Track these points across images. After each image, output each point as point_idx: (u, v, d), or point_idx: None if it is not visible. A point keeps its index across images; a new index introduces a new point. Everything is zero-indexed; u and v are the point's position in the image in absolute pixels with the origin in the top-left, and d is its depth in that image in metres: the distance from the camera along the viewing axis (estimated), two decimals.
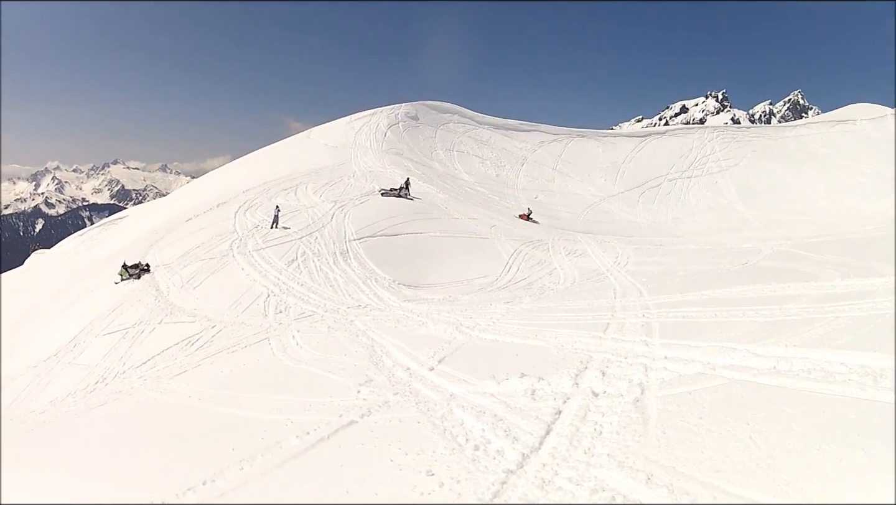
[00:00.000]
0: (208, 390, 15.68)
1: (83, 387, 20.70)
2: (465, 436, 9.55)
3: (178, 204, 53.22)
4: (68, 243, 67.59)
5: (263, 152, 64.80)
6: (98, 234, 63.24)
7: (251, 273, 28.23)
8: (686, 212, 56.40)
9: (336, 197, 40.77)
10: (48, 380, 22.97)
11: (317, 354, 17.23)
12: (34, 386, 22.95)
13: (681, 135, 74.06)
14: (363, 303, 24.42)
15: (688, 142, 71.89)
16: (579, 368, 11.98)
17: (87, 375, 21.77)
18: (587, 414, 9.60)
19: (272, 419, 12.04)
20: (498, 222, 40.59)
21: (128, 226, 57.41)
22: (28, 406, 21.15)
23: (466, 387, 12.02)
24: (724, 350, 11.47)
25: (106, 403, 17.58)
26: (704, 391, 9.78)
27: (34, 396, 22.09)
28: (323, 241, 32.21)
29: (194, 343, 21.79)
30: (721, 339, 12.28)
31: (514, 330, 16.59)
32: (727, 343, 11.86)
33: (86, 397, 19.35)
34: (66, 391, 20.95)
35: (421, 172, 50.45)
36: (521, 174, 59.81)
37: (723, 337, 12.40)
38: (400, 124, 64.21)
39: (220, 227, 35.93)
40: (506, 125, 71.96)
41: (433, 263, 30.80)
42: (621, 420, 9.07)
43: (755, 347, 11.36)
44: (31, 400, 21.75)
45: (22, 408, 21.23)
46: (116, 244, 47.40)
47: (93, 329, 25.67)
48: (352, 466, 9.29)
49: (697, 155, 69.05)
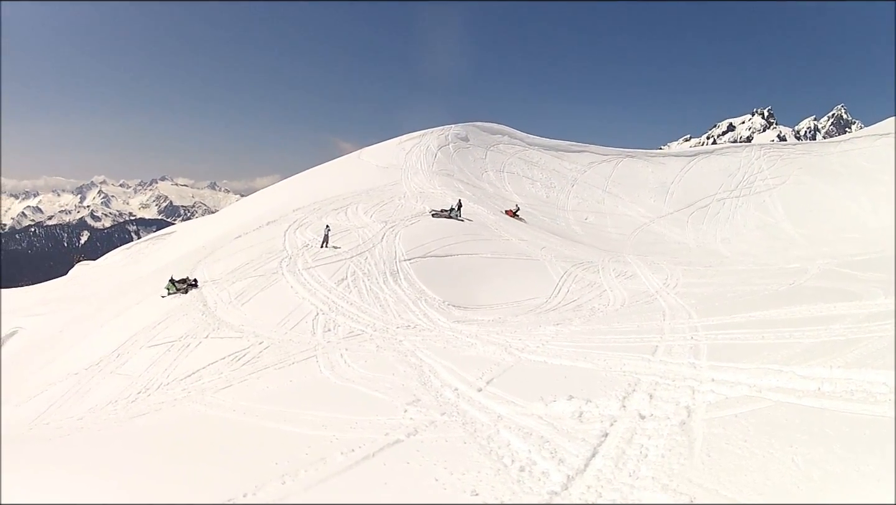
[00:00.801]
0: (253, 405, 15.88)
1: (125, 396, 21.05)
2: (511, 457, 9.63)
3: (227, 221, 53.98)
4: (114, 256, 68.69)
5: (314, 172, 65.48)
6: (145, 248, 64.17)
7: (300, 291, 28.49)
8: (734, 232, 55.82)
9: (387, 217, 41.08)
10: (88, 388, 23.33)
11: (364, 373, 17.36)
12: (73, 393, 23.32)
13: (728, 154, 73.37)
14: (412, 323, 24.54)
15: (735, 161, 71.26)
16: (627, 390, 12.09)
17: (129, 385, 22.13)
18: (633, 437, 9.67)
19: (317, 435, 12.15)
20: (548, 244, 40.60)
21: (175, 241, 58.23)
22: (66, 412, 21.54)
23: (514, 408, 12.09)
24: (771, 372, 11.55)
25: (148, 414, 17.89)
26: (750, 414, 9.84)
27: (73, 402, 22.44)
28: (373, 260, 32.47)
29: (241, 358, 22.06)
30: (768, 361, 12.35)
31: (563, 352, 16.69)
32: (773, 365, 11.93)
33: (127, 407, 19.70)
34: (107, 400, 21.29)
35: (471, 194, 50.56)
36: (572, 195, 59.65)
37: (769, 359, 12.47)
38: (450, 145, 64.46)
39: (270, 245, 36.35)
40: (556, 146, 71.84)
41: (483, 284, 30.93)
42: (667, 443, 9.14)
43: (800, 369, 11.42)
44: (70, 406, 22.12)
45: (59, 413, 21.65)
46: (163, 259, 48.18)
47: (137, 341, 26.07)
48: (396, 484, 9.39)
49: (745, 174, 68.39)
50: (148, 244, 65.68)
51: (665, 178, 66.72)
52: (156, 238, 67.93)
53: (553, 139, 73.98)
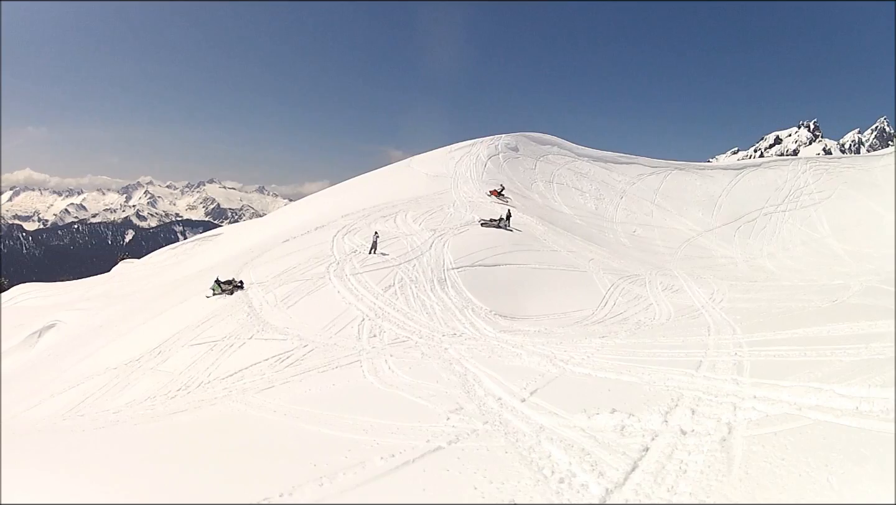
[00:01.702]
0: (295, 407, 16.11)
1: (164, 393, 21.43)
2: (552, 468, 9.80)
3: (275, 225, 54.56)
4: (159, 255, 69.57)
5: (363, 179, 65.97)
6: (191, 248, 64.92)
7: (347, 296, 28.75)
8: (780, 247, 55.21)
9: (435, 225, 41.31)
10: (127, 383, 23.76)
11: (408, 380, 17.54)
12: (111, 387, 23.77)
13: (775, 167, 72.45)
14: (458, 331, 24.72)
15: (782, 174, 70.41)
16: (670, 405, 12.24)
17: (169, 381, 22.49)
18: (674, 452, 9.83)
19: (358, 439, 12.34)
20: (596, 256, 40.79)
21: (222, 243, 58.86)
22: (102, 405, 21.98)
23: (557, 420, 12.24)
24: (811, 390, 11.68)
25: (187, 411, 18.17)
26: (789, 432, 9.96)
27: (110, 396, 22.88)
28: (421, 268, 32.67)
29: (284, 360, 22.29)
30: (809, 378, 12.46)
31: (608, 365, 16.86)
32: (814, 383, 12.05)
33: (166, 403, 20.03)
34: (146, 395, 21.69)
35: (521, 204, 50.46)
36: (620, 207, 59.32)
37: (810, 377, 12.58)
38: (500, 155, 64.39)
39: (318, 249, 36.62)
40: (604, 157, 71.66)
41: (530, 295, 31.03)
42: (707, 459, 9.31)
43: (840, 388, 11.51)
44: (107, 400, 22.54)
45: (95, 406, 22.09)
46: (209, 260, 48.85)
47: (180, 339, 26.45)
48: (434, 491, 9.54)
49: (791, 188, 67.59)
50: (194, 245, 66.45)
51: (713, 191, 66.32)
52: (202, 239, 68.69)
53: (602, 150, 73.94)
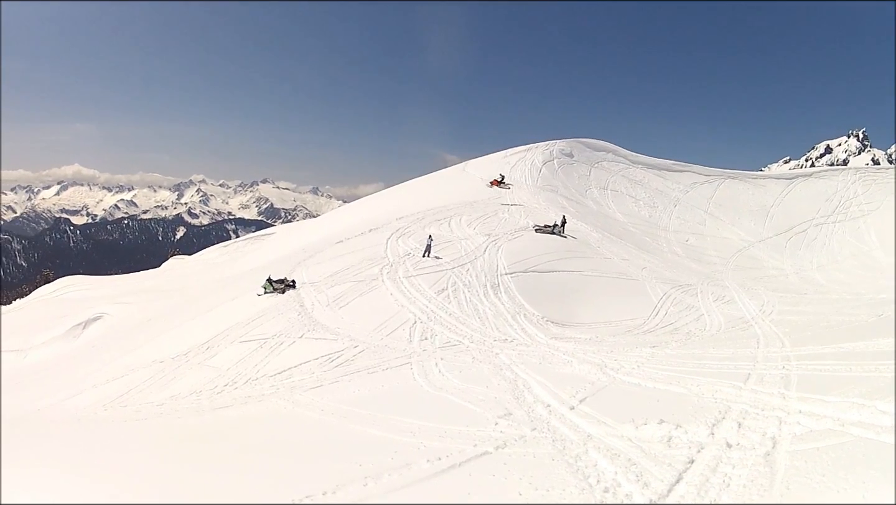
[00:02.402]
0: (343, 407, 16.27)
1: (210, 387, 21.67)
2: (597, 477, 9.84)
3: (328, 226, 55.07)
4: (210, 253, 70.63)
5: (418, 182, 66.30)
6: (243, 246, 65.74)
7: (399, 298, 29.01)
8: (829, 259, 54.73)
9: (490, 230, 41.74)
10: (173, 376, 24.05)
11: (458, 384, 17.62)
12: (156, 380, 24.10)
13: (826, 177, 71.84)
14: (510, 337, 24.70)
15: (832, 184, 69.82)
16: (717, 417, 12.22)
17: (216, 377, 22.73)
18: (718, 465, 9.81)
19: (405, 441, 12.44)
20: (649, 264, 40.79)
21: (275, 242, 59.40)
22: (146, 397, 22.34)
23: (605, 429, 12.25)
24: (854, 406, 11.54)
25: (233, 406, 18.48)
26: (831, 448, 9.91)
27: (155, 389, 23.20)
28: (474, 272, 32.79)
29: (334, 360, 22.45)
30: (853, 394, 12.33)
31: (658, 375, 16.86)
32: (858, 399, 11.89)
33: (212, 398, 20.33)
34: (191, 389, 21.95)
35: (575, 210, 50.56)
36: (674, 216, 59.07)
37: (855, 392, 12.44)
38: (555, 161, 64.45)
39: (371, 251, 36.96)
40: (658, 165, 71.42)
41: (583, 302, 30.99)
42: (750, 473, 9.30)
43: (882, 404, 11.35)
44: (151, 392, 22.89)
45: (139, 398, 22.46)
46: (261, 259, 49.43)
47: (229, 335, 26.77)
48: (479, 496, 9.61)
49: (841, 198, 66.93)
50: (246, 243, 67.33)
51: (765, 200, 65.86)
52: (255, 238, 69.58)
53: (656, 158, 73.56)
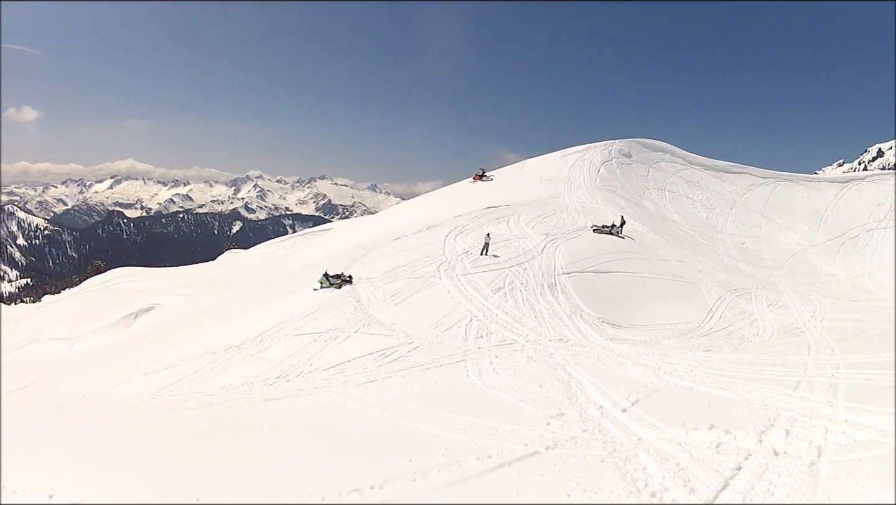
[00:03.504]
0: (395, 402, 16.44)
1: (262, 379, 21.97)
2: (646, 481, 10.00)
3: (386, 222, 55.28)
4: (266, 247, 71.23)
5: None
6: (300, 241, 66.29)
7: (456, 296, 29.31)
8: (881, 265, 53.65)
9: (548, 230, 41.91)
10: (224, 367, 24.43)
11: (512, 382, 17.73)
12: (207, 370, 24.50)
13: (878, 181, 70.12)
14: (565, 337, 24.76)
15: (884, 189, 67.87)
16: (766, 424, 12.30)
17: (268, 369, 23.05)
18: (764, 473, 9.92)
19: (456, 438, 12.57)
20: (705, 267, 40.55)
21: (332, 238, 59.64)
22: (196, 387, 22.69)
23: (655, 432, 12.38)
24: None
25: (284, 399, 18.74)
26: (872, 459, 10.00)
27: (206, 379, 23.59)
28: (532, 272, 32.79)
29: (388, 355, 22.69)
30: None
31: (710, 380, 16.95)
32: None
33: (263, 390, 20.61)
34: (243, 380, 22.26)
35: (633, 211, 50.33)
36: (730, 218, 58.50)
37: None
38: (613, 161, 64.32)
39: (429, 248, 37.14)
40: (716, 166, 70.90)
41: (638, 304, 30.89)
42: (794, 483, 9.42)
43: None
44: (202, 382, 23.26)
45: (189, 388, 22.83)
46: (318, 254, 49.81)
47: (283, 328, 27.07)
48: (527, 495, 9.73)
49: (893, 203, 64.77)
50: (303, 238, 67.86)
51: (819, 204, 64.98)
52: (312, 233, 70.04)
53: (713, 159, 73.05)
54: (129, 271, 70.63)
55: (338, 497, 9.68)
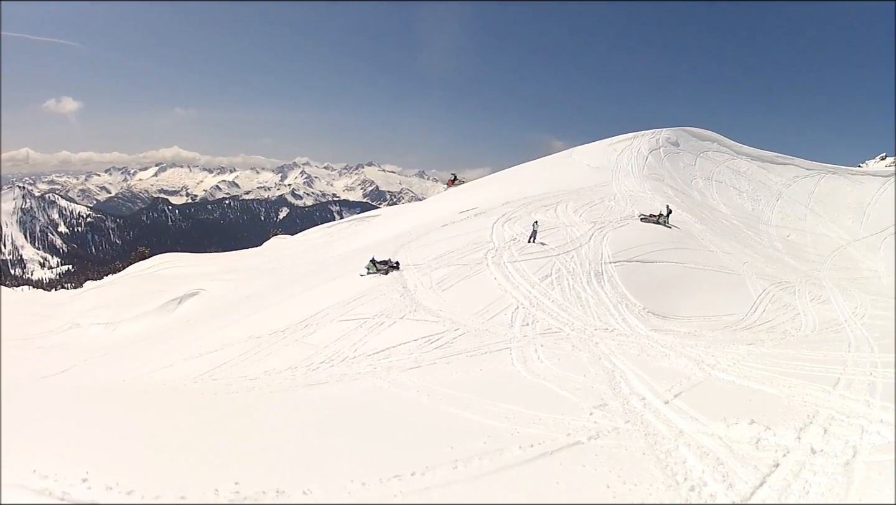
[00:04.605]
0: (439, 389, 16.56)
1: (306, 364, 22.01)
2: (685, 475, 10.10)
3: (433, 209, 55.36)
4: (313, 233, 71.82)
5: (524, 167, 66.50)
6: (347, 227, 66.65)
7: (503, 283, 29.22)
8: None
9: (595, 218, 41.65)
10: (268, 352, 24.46)
11: (556, 371, 17.78)
12: (251, 355, 24.52)
13: None
14: (611, 326, 24.71)
15: None
16: (805, 421, 12.37)
17: (313, 354, 23.06)
18: (801, 471, 10.01)
19: (498, 426, 12.68)
20: (751, 259, 40.18)
21: (379, 224, 59.93)
22: (239, 371, 22.78)
23: (696, 425, 12.46)
24: None
25: (328, 383, 18.84)
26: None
27: (249, 363, 23.62)
28: (579, 260, 32.72)
29: (434, 342, 22.72)
30: None
31: (752, 374, 16.96)
32: None
33: (307, 374, 20.69)
34: (286, 365, 22.29)
35: (680, 200, 49.96)
36: (776, 210, 57.79)
37: None
38: (661, 149, 63.86)
39: (476, 235, 37.14)
40: (762, 156, 70.11)
41: (684, 295, 30.70)
42: (829, 482, 9.49)
43: None
44: (245, 367, 23.30)
45: (231, 372, 22.94)
46: (365, 240, 50.04)
47: (329, 314, 27.13)
48: (567, 485, 9.83)
49: None
50: (350, 225, 68.20)
51: (862, 198, 63.81)
52: (359, 219, 70.40)
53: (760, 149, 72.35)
54: (173, 257, 71.56)
55: (378, 483, 9.80)
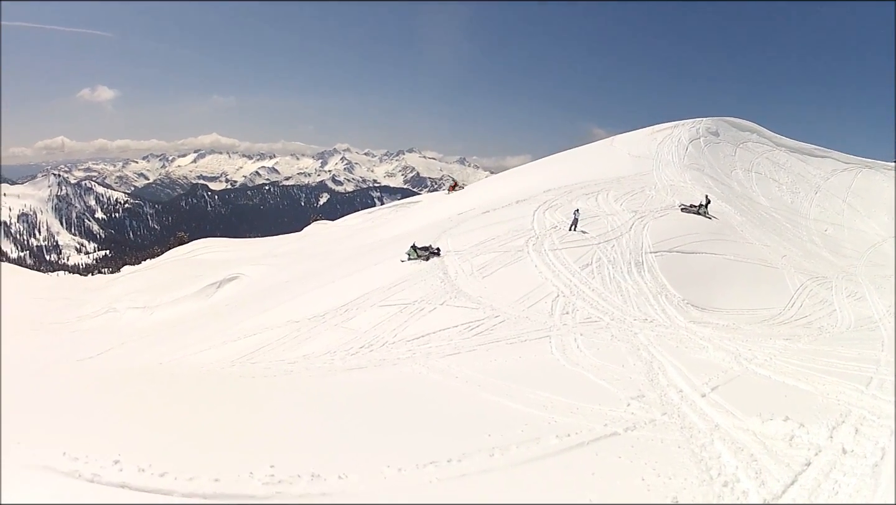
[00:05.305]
0: (478, 375, 16.67)
1: (345, 349, 22.10)
2: (719, 470, 10.13)
3: (475, 196, 55.36)
4: (354, 218, 71.75)
5: (566, 155, 66.15)
6: (387, 213, 66.61)
7: (544, 271, 29.24)
8: None
9: (636, 207, 41.25)
10: (307, 336, 24.52)
11: (595, 361, 17.83)
12: (290, 339, 24.57)
13: None
14: (650, 317, 24.65)
15: None
16: (837, 420, 12.27)
17: (352, 339, 23.15)
18: (832, 471, 9.98)
19: (536, 415, 12.76)
20: (789, 252, 39.80)
21: (420, 210, 59.85)
22: (277, 355, 22.84)
23: (732, 420, 12.43)
24: None
25: (366, 368, 19.06)
26: None
27: (287, 348, 23.68)
28: (619, 249, 32.53)
29: (474, 328, 22.82)
30: None
31: (788, 369, 16.93)
32: None
33: (345, 359, 20.80)
34: (325, 349, 22.40)
35: (720, 191, 49.54)
36: (814, 203, 56.97)
37: None
38: (701, 139, 63.06)
39: (518, 223, 37.00)
40: (801, 149, 69.26)
41: (723, 287, 30.48)
42: (857, 484, 9.47)
43: None
44: (283, 351, 23.37)
45: (270, 355, 22.98)
46: (406, 226, 49.93)
47: (369, 299, 27.23)
48: (602, 477, 9.88)
49: None
50: (390, 210, 68.22)
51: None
52: (400, 206, 70.40)
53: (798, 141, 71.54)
54: (212, 242, 71.89)
55: (414, 468, 9.91)
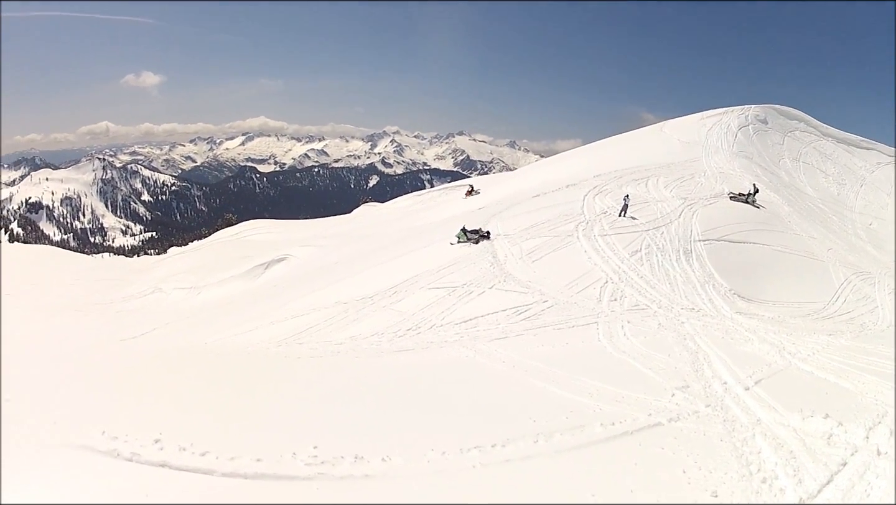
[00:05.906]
0: (524, 360, 16.70)
1: (393, 330, 22.25)
2: (759, 465, 10.12)
3: (525, 179, 55.44)
4: (404, 201, 71.91)
5: (616, 140, 66.00)
6: (437, 196, 66.67)
7: (593, 257, 29.08)
8: None
9: (686, 194, 40.86)
10: (355, 318, 24.69)
11: (641, 349, 17.77)
12: (338, 320, 24.76)
13: None
14: (697, 306, 24.45)
15: None
16: (874, 420, 12.11)
17: (400, 321, 23.28)
18: (866, 472, 9.90)
19: (581, 402, 12.80)
20: (835, 245, 39.05)
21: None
22: (324, 336, 23.02)
23: (774, 415, 12.35)
24: None
25: (414, 350, 19.19)
26: None
27: (335, 329, 23.85)
28: (668, 236, 32.35)
29: (522, 313, 22.78)
30: None
31: (830, 366, 16.72)
32: None
33: (393, 341, 20.99)
34: (373, 331, 22.53)
35: (768, 180, 48.90)
36: (860, 196, 56.09)
37: None
38: (750, 127, 62.47)
39: (567, 207, 36.83)
40: (848, 140, 68.28)
41: (770, 279, 30.02)
42: (888, 486, 9.39)
43: None
44: (330, 332, 23.53)
45: (317, 336, 23.17)
46: (455, 209, 50.18)
47: (418, 281, 27.34)
48: (644, 467, 9.92)
49: None
50: (440, 193, 68.23)
51: None
52: (450, 188, 70.36)
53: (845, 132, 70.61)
54: (261, 223, 72.54)
55: (458, 452, 10.01)
